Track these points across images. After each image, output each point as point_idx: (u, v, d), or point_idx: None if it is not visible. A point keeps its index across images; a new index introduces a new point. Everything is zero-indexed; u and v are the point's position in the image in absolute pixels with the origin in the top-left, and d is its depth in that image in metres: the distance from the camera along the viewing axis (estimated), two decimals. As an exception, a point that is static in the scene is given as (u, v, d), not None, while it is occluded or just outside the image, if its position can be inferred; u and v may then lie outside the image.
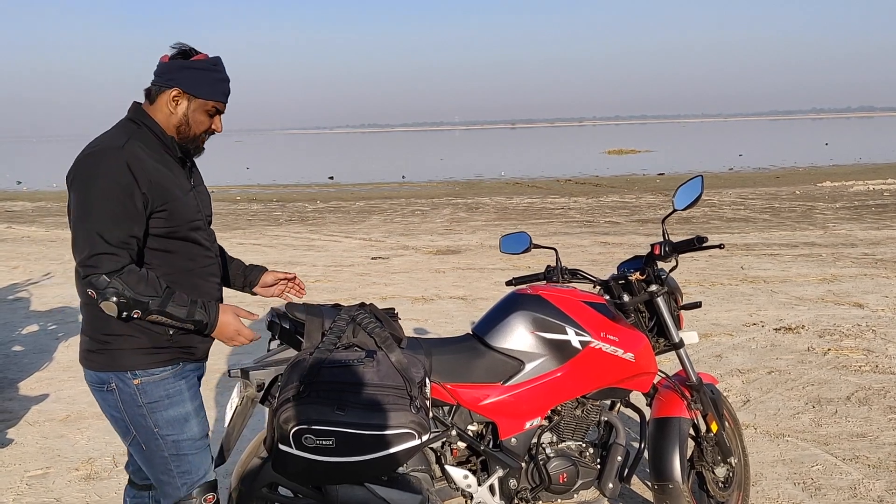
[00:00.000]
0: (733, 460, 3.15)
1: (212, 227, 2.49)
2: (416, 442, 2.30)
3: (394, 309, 2.67)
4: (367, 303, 2.61)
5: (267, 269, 2.79)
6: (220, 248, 2.62)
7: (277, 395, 2.32)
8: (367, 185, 26.34)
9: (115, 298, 2.09)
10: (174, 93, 2.29)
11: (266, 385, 2.46)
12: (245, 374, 2.45)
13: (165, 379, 2.29)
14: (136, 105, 2.34)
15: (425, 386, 2.41)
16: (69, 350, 6.24)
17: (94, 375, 2.30)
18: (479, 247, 11.18)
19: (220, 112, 2.37)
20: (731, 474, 3.17)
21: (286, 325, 2.53)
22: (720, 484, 3.14)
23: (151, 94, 2.32)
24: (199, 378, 2.47)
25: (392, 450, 2.27)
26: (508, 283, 3.29)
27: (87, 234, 2.10)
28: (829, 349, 5.69)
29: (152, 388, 2.27)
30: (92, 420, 4.69)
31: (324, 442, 2.24)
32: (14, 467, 4.05)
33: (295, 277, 2.80)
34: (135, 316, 2.13)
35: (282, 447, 2.27)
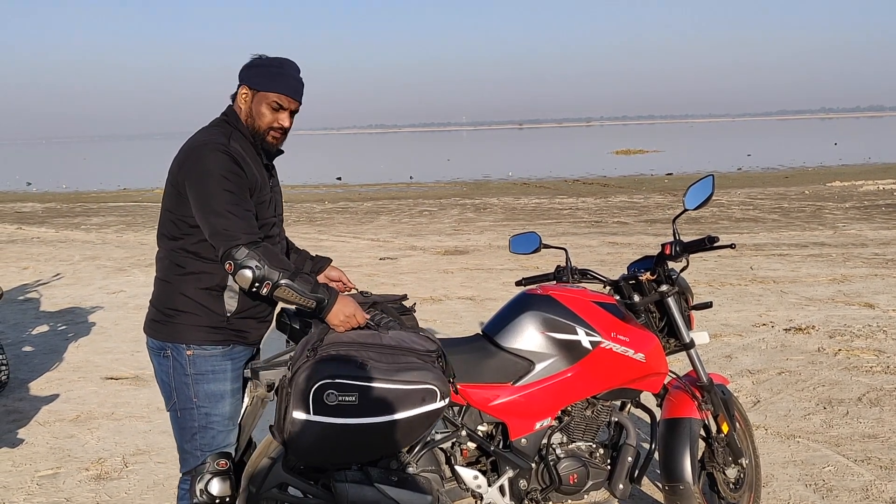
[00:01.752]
0: (744, 461, 3.13)
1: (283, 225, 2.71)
2: (437, 405, 2.30)
3: (406, 295, 2.73)
4: (379, 301, 2.63)
5: (332, 262, 2.98)
6: (287, 241, 2.84)
7: (289, 368, 2.31)
8: (375, 186, 26.36)
9: (252, 269, 2.25)
10: (242, 89, 2.49)
11: (276, 385, 2.46)
12: (255, 373, 2.46)
13: (214, 356, 2.47)
14: (229, 106, 2.55)
15: (441, 357, 2.40)
16: (79, 350, 6.26)
17: (154, 343, 2.52)
18: (488, 247, 11.18)
19: (283, 108, 2.47)
20: (741, 475, 3.15)
21: (297, 325, 2.54)
22: (731, 485, 3.12)
23: (234, 97, 2.54)
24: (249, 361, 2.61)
25: (416, 410, 2.26)
26: (518, 284, 3.28)
27: (218, 214, 2.29)
28: (839, 350, 5.66)
29: (201, 362, 2.46)
30: (102, 420, 4.71)
31: (347, 398, 2.21)
32: (25, 467, 4.06)
33: (352, 290, 2.83)
34: (264, 290, 2.27)
35: (297, 415, 2.22)
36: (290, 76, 2.47)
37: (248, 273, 2.25)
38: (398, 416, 2.26)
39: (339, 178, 30.32)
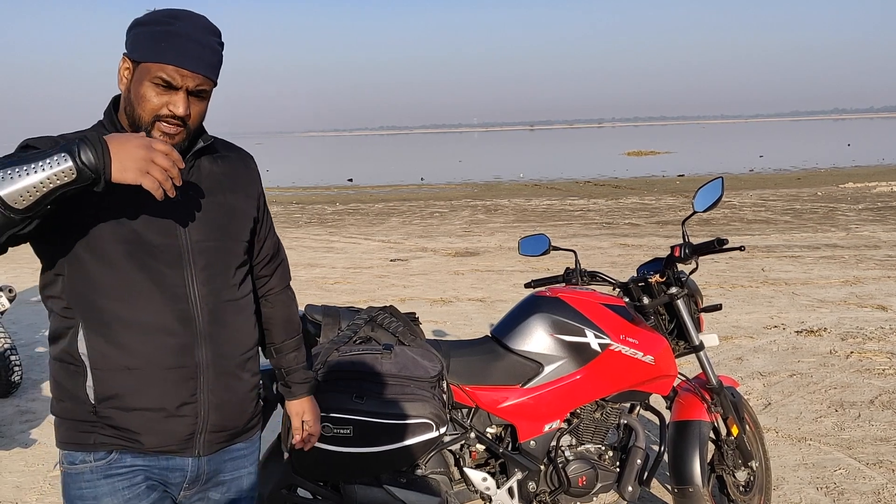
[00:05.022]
0: (754, 464, 3.12)
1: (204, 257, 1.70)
2: (434, 434, 2.31)
3: (415, 313, 2.69)
4: (388, 305, 2.64)
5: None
6: (284, 304, 2.01)
7: None
8: (386, 187, 26.40)
9: None
10: (123, 63, 1.64)
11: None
12: None
13: (83, 473, 1.64)
14: (112, 101, 1.72)
15: (442, 380, 2.42)
16: (91, 351, 6.30)
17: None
18: (498, 249, 11.17)
19: (173, 86, 1.59)
20: (752, 478, 3.14)
21: (304, 328, 2.54)
22: (741, 488, 3.11)
23: None
24: (168, 488, 1.71)
25: (409, 441, 2.28)
26: (527, 286, 3.28)
27: None
28: (851, 352, 5.63)
29: (70, 482, 1.66)
30: (114, 421, 4.74)
31: (341, 431, 2.25)
32: (38, 467, 4.09)
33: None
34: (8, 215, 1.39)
35: None
36: (183, 35, 1.59)
37: None
38: (393, 446, 2.29)
39: (351, 180, 30.38)
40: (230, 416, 1.74)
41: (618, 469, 2.87)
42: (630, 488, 2.83)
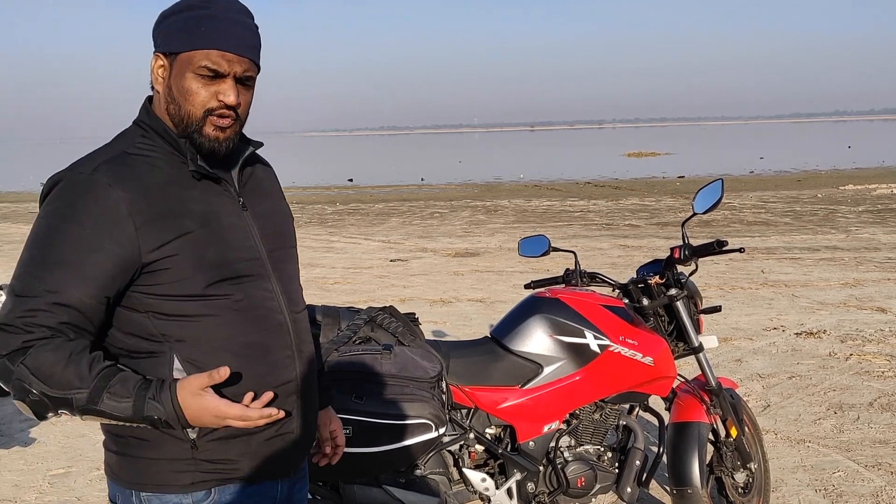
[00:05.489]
0: (753, 466, 3.12)
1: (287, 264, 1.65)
2: (433, 435, 2.32)
3: (414, 314, 2.69)
4: (388, 305, 2.64)
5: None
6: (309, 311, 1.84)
7: None
8: (386, 188, 26.40)
9: (25, 399, 1.36)
10: (156, 61, 1.50)
11: None
12: None
13: None
14: (147, 98, 1.57)
15: (442, 381, 2.42)
16: (91, 350, 6.31)
17: (110, 487, 1.59)
18: (498, 249, 11.17)
19: (221, 73, 1.45)
20: (750, 480, 3.14)
21: None
22: (740, 489, 3.12)
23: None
24: None
25: (408, 441, 2.28)
26: (527, 287, 3.29)
27: (9, 287, 1.41)
28: (851, 354, 5.63)
29: None
30: (113, 420, 4.74)
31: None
32: (37, 466, 4.10)
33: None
34: (61, 415, 1.38)
35: None
36: (223, 18, 1.45)
37: (22, 406, 1.38)
38: (392, 446, 2.29)
39: (351, 180, 30.38)
40: (312, 432, 1.68)
41: (617, 470, 2.87)
42: (629, 489, 2.83)
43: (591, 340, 2.74)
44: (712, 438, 3.09)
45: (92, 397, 1.33)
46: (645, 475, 2.89)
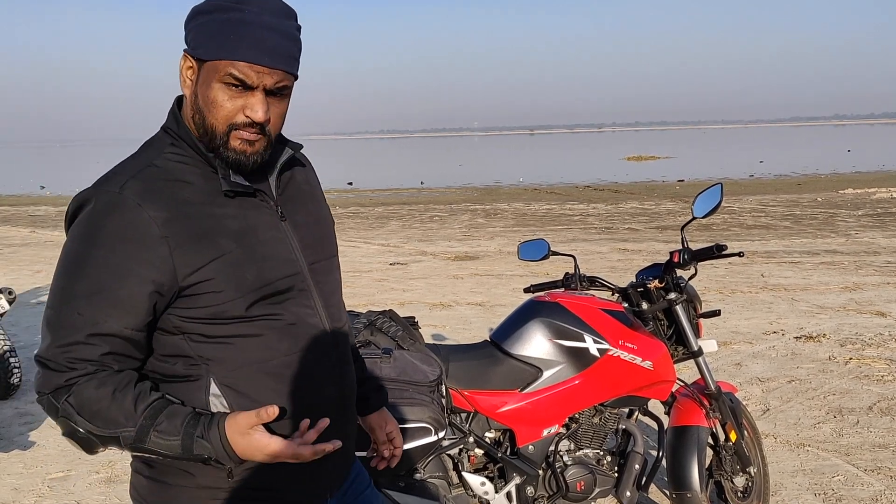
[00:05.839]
0: (752, 470, 3.13)
1: (331, 278, 1.57)
2: (432, 438, 2.32)
3: (414, 318, 2.69)
4: (388, 309, 2.64)
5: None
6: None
7: None
8: (386, 191, 26.41)
9: (74, 436, 1.33)
10: (185, 62, 1.39)
11: None
12: None
13: None
14: (177, 98, 1.47)
15: (441, 384, 2.42)
16: (90, 353, 6.30)
17: None
18: (498, 253, 11.18)
19: (249, 85, 1.33)
20: (750, 484, 3.14)
21: None
22: (739, 494, 3.12)
23: None
24: None
25: (408, 445, 2.28)
26: (526, 290, 3.29)
27: (45, 319, 1.37)
28: (850, 358, 5.63)
29: None
30: (112, 423, 4.74)
31: None
32: (36, 469, 4.10)
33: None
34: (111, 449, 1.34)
35: None
36: (255, 23, 1.32)
37: (71, 442, 1.34)
38: None
39: (351, 184, 30.39)
40: (351, 446, 1.62)
41: (616, 474, 2.87)
42: (628, 493, 2.83)
43: (591, 344, 2.74)
44: (711, 442, 3.09)
45: (139, 436, 1.28)
46: (644, 479, 2.89)
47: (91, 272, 1.31)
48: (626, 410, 2.96)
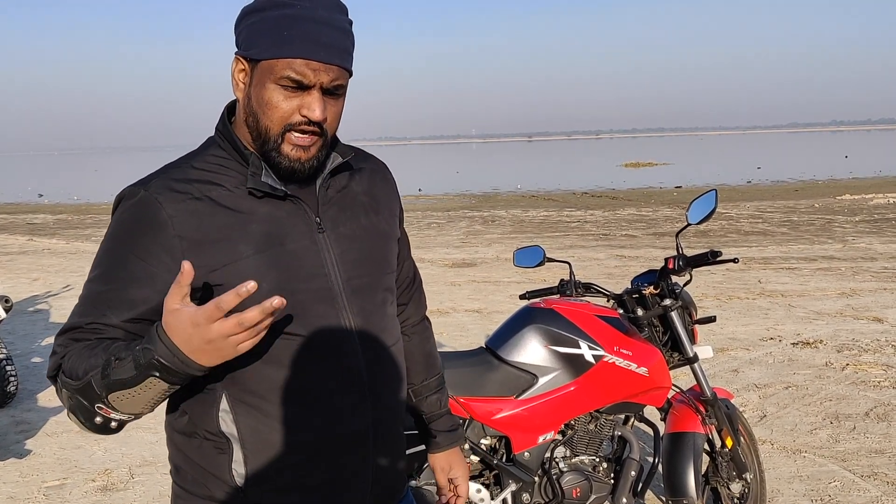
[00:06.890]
0: (749, 476, 3.13)
1: (371, 295, 1.44)
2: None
3: None
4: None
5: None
6: (420, 341, 1.76)
7: None
8: (384, 198, 26.39)
9: (64, 397, 1.28)
10: (237, 64, 1.35)
11: None
12: None
13: None
14: (229, 103, 1.44)
15: None
16: (87, 361, 6.30)
17: None
18: (495, 260, 11.18)
19: (306, 84, 1.28)
20: (746, 490, 3.14)
21: None
22: (735, 500, 3.12)
23: None
24: None
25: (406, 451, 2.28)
26: (522, 297, 3.29)
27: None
28: (847, 364, 5.64)
29: None
30: (109, 431, 4.73)
31: None
32: (32, 477, 4.09)
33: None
34: (112, 421, 1.27)
35: None
36: (310, 19, 1.28)
37: (73, 418, 1.29)
38: None
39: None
40: (394, 479, 1.50)
41: (612, 481, 2.87)
42: (624, 500, 2.83)
43: (586, 351, 2.74)
44: (708, 449, 3.09)
45: (105, 372, 1.19)
46: (640, 486, 2.89)
47: (107, 266, 1.31)
48: (622, 417, 2.96)
